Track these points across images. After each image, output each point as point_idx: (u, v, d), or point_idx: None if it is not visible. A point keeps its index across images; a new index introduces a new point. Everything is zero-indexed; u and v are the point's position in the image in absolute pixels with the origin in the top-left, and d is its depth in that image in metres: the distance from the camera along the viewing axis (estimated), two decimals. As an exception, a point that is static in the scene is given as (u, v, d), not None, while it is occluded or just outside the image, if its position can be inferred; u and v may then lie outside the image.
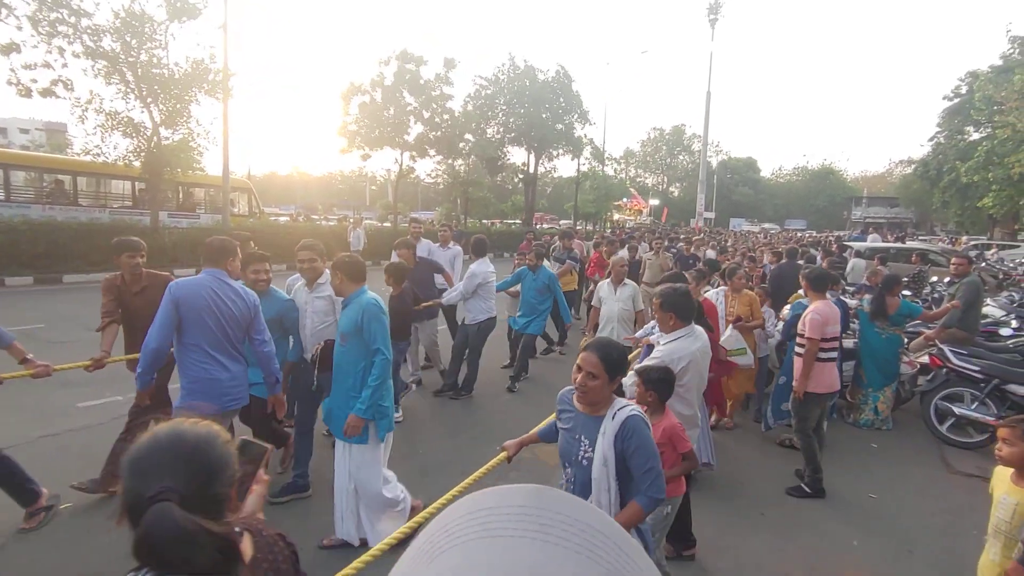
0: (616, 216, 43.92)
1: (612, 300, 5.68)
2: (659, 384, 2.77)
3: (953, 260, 6.85)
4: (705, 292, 5.56)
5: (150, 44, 13.17)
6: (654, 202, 58.16)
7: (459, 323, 6.51)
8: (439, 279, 6.62)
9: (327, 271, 3.84)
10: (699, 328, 3.27)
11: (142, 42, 13.01)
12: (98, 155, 13.46)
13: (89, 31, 12.51)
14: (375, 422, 3.23)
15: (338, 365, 3.30)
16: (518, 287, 6.85)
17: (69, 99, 12.94)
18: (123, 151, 13.70)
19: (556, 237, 11.90)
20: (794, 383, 4.36)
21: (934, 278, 10.29)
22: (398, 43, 21.56)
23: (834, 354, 4.40)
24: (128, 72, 12.95)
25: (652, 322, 4.25)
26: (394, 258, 5.81)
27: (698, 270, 5.55)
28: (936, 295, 10.16)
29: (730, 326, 5.26)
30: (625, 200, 46.88)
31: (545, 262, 7.03)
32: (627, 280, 5.83)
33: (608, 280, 5.94)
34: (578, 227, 33.38)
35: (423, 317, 6.07)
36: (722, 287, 5.81)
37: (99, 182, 16.62)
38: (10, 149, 23.35)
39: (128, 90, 13.17)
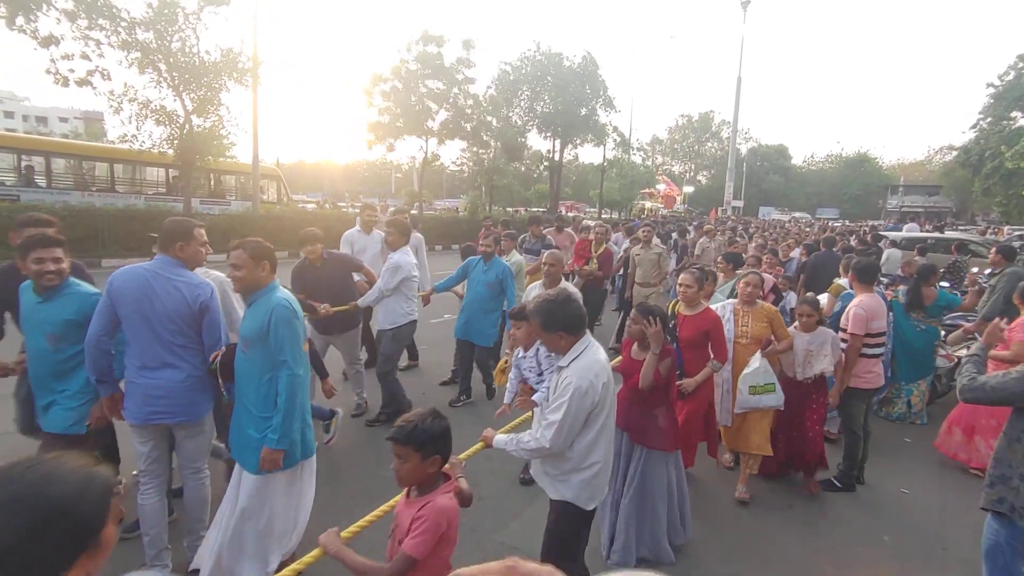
0: (648, 204, 43.14)
1: None
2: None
3: (991, 254, 6.67)
4: (715, 302, 4.48)
5: (182, 33, 13.41)
6: (688, 189, 57.12)
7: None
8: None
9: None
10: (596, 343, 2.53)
11: (175, 31, 13.26)
12: (133, 143, 13.83)
13: (124, 23, 12.79)
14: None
15: (240, 376, 2.74)
16: (468, 287, 5.54)
17: (104, 93, 13.30)
18: (157, 139, 14.04)
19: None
20: (836, 378, 4.25)
21: (974, 269, 9.91)
22: (420, 29, 21.31)
23: (880, 350, 4.24)
24: (161, 62, 13.22)
25: (519, 351, 3.49)
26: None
27: (700, 269, 4.20)
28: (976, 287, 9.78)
29: (757, 355, 3.95)
30: (659, 188, 46.08)
31: (515, 254, 6.12)
32: (566, 284, 4.35)
33: (541, 282, 4.66)
34: (603, 216, 33.10)
35: (336, 329, 4.81)
36: (730, 299, 4.60)
37: (135, 169, 17.12)
38: (51, 137, 24.14)
39: (161, 79, 13.46)
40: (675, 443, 3.36)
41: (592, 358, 2.37)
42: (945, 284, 7.81)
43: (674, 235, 13.09)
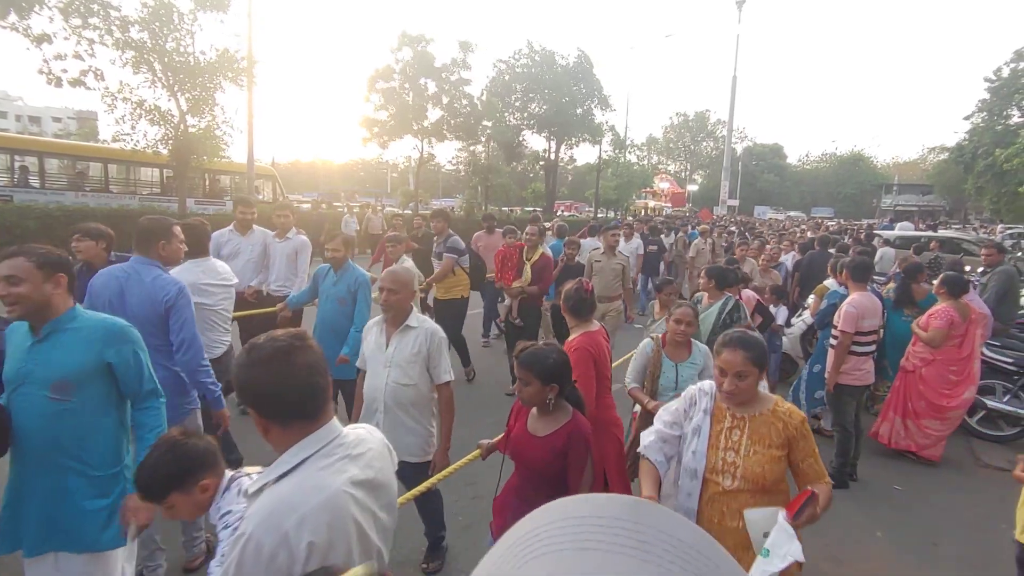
0: (651, 203, 42.88)
1: (379, 354, 2.82)
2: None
3: (983, 250, 6.73)
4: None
5: (177, 33, 13.38)
6: (692, 188, 57.11)
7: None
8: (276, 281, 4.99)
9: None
10: None
11: (170, 31, 13.23)
12: (127, 143, 13.79)
13: (118, 23, 12.75)
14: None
15: (53, 439, 2.00)
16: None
17: (99, 89, 13.26)
18: (151, 139, 14.01)
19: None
20: (826, 375, 4.31)
21: (968, 267, 10.00)
22: (412, 30, 21.44)
23: (870, 348, 4.30)
24: (156, 62, 13.19)
25: None
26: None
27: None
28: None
29: (774, 516, 1.89)
30: (663, 187, 45.93)
31: (406, 259, 5.27)
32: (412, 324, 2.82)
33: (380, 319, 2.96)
34: (599, 214, 33.16)
35: None
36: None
37: (129, 169, 17.07)
38: (44, 137, 24.03)
39: (155, 79, 13.42)
40: None
41: (318, 483, 1.25)
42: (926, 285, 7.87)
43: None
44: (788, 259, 8.49)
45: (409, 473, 2.76)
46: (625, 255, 6.80)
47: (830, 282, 5.59)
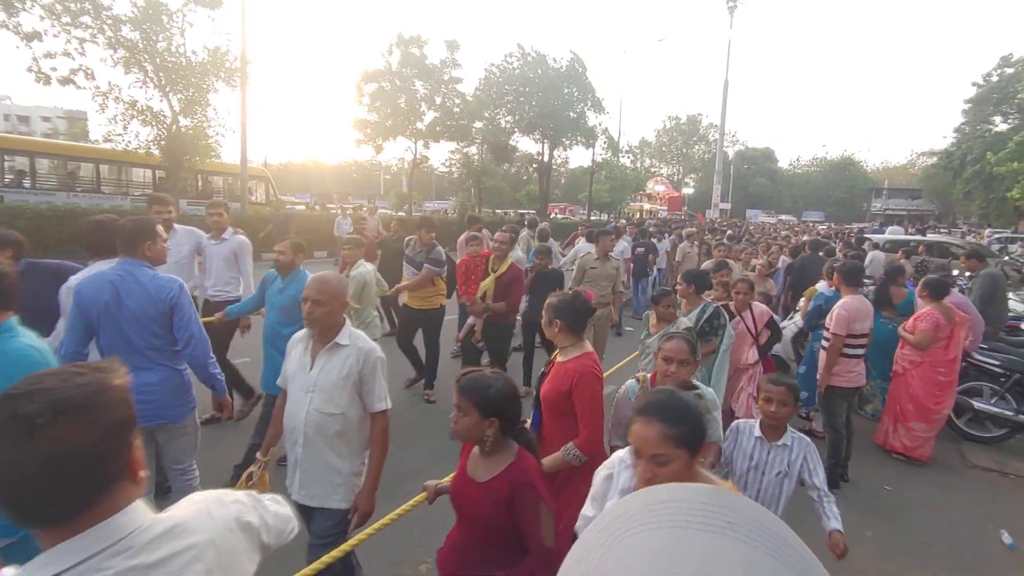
0: (647, 206, 42.85)
1: (301, 376, 2.37)
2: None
3: (963, 259, 6.98)
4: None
5: (168, 32, 13.33)
6: (688, 191, 57.32)
7: None
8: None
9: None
10: None
11: (161, 30, 13.18)
12: (119, 144, 13.71)
13: (109, 21, 12.69)
14: None
15: None
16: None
17: (89, 88, 13.18)
18: (143, 140, 13.93)
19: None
20: (818, 376, 4.37)
21: (955, 272, 10.14)
22: (407, 32, 21.48)
23: (861, 350, 4.36)
24: (147, 62, 13.13)
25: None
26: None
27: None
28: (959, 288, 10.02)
29: None
30: (659, 190, 45.93)
31: (362, 264, 4.78)
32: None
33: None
34: (592, 217, 33.25)
35: None
36: None
37: (121, 170, 16.95)
38: (33, 137, 23.81)
39: (147, 79, 13.36)
40: None
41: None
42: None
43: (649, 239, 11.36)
44: (780, 263, 8.59)
45: (325, 525, 2.31)
46: (618, 259, 6.58)
47: (821, 285, 5.65)
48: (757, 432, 2.51)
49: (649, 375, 2.68)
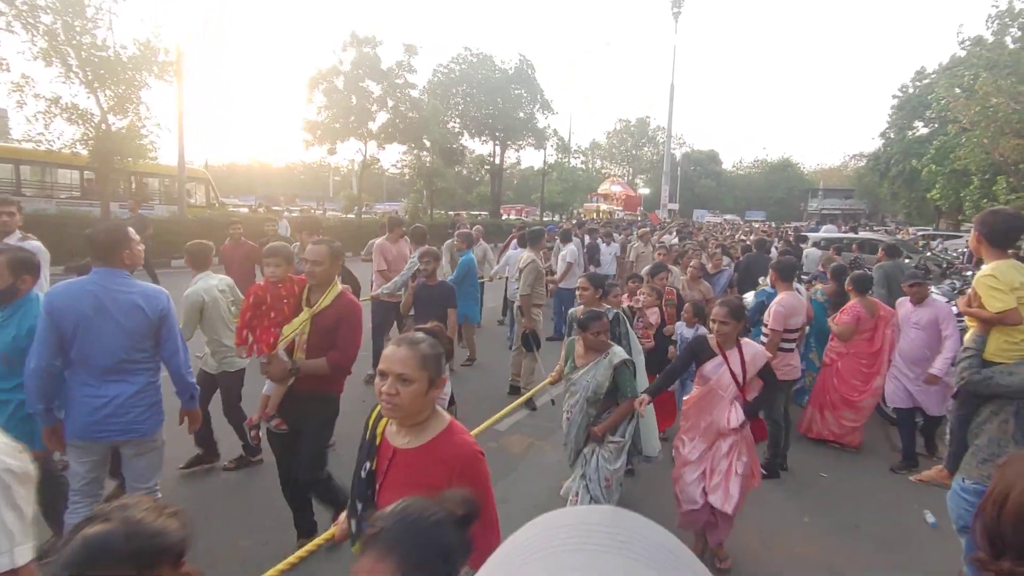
0: (603, 206, 43.06)
1: None
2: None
3: (880, 252, 7.85)
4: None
5: (93, 23, 12.53)
6: (644, 191, 58.25)
7: None
8: None
9: None
10: None
11: (83, 22, 12.36)
12: (40, 143, 12.80)
13: (26, 6, 11.80)
14: None
15: None
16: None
17: (3, 83, 12.25)
18: (68, 139, 13.06)
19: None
20: None
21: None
22: (361, 31, 21.02)
23: (794, 344, 4.57)
24: (71, 56, 12.30)
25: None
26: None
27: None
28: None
29: None
30: (615, 190, 46.39)
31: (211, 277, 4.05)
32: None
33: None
34: (544, 218, 33.52)
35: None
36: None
37: (44, 171, 15.84)
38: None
39: (71, 74, 12.53)
40: None
41: None
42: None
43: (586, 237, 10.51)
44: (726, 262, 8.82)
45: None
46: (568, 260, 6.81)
47: (766, 281, 5.86)
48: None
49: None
